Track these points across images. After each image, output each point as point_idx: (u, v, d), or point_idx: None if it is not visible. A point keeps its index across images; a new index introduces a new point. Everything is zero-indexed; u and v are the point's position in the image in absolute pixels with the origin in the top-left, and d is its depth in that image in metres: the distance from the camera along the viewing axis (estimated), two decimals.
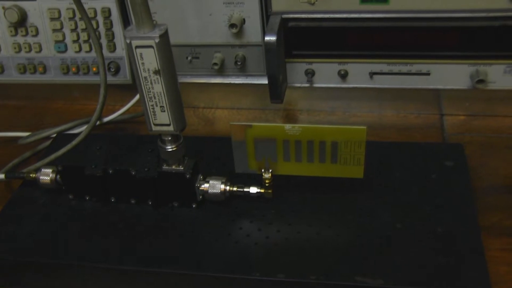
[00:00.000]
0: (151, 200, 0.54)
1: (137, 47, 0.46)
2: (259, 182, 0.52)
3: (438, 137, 0.64)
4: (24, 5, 0.69)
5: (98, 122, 0.64)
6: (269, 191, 0.52)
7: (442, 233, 0.49)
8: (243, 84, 0.70)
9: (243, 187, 0.53)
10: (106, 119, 0.69)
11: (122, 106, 0.69)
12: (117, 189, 0.54)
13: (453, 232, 0.49)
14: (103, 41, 0.69)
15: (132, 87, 0.71)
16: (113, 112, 0.70)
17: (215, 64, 0.68)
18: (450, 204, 0.51)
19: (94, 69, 0.71)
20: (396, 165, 0.56)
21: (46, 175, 0.56)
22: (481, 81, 0.61)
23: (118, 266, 0.50)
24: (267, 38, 0.60)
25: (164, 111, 0.48)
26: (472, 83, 0.62)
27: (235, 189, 0.53)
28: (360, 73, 0.65)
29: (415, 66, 0.63)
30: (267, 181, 0.52)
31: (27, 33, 0.71)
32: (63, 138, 0.65)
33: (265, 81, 0.65)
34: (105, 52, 0.70)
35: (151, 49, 0.45)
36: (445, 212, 0.51)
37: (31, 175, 0.57)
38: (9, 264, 0.52)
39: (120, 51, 0.70)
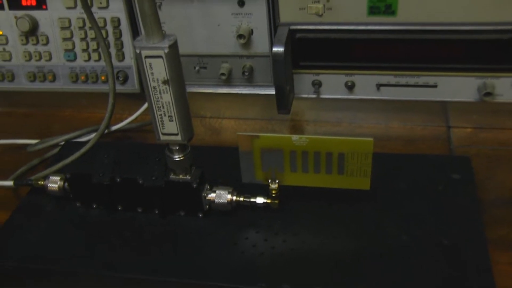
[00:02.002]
0: (158, 209, 0.54)
1: (146, 57, 0.46)
2: (265, 193, 0.53)
3: (445, 149, 0.64)
4: (35, 14, 0.70)
5: (106, 131, 0.64)
6: (276, 201, 0.52)
7: (449, 246, 0.49)
8: (250, 94, 0.70)
9: (249, 197, 0.53)
10: (114, 128, 0.70)
11: (130, 115, 0.70)
12: (124, 198, 0.55)
13: (460, 244, 0.49)
14: (112, 50, 0.70)
15: (140, 96, 0.72)
16: (121, 120, 0.70)
17: (223, 74, 0.68)
18: (457, 216, 0.51)
19: (103, 77, 0.72)
20: (402, 177, 0.56)
21: (54, 183, 0.57)
22: (488, 93, 0.61)
23: (123, 274, 0.50)
24: (274, 49, 0.60)
25: (172, 120, 0.49)
26: (480, 96, 0.62)
27: (241, 199, 0.53)
28: (367, 84, 0.65)
29: (422, 78, 0.63)
30: (273, 192, 0.52)
31: (37, 42, 0.71)
32: (71, 146, 0.65)
33: (272, 91, 0.65)
34: (114, 61, 0.70)
35: (161, 59, 0.46)
36: (452, 224, 0.51)
37: (39, 182, 0.58)
38: (15, 270, 0.53)
39: (129, 60, 0.71)
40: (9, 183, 0.60)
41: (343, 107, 0.70)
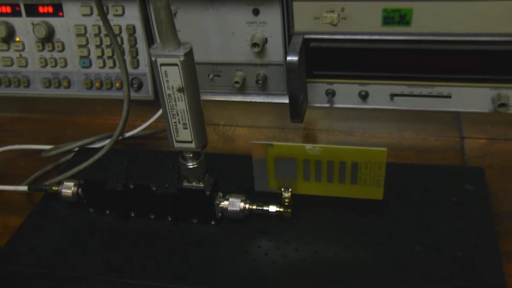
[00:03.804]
0: (171, 216, 0.54)
1: (162, 64, 0.46)
2: (278, 201, 0.53)
3: (458, 160, 0.64)
4: (52, 21, 0.71)
5: (119, 137, 0.65)
6: (288, 210, 0.52)
7: (462, 258, 0.48)
8: (263, 102, 0.70)
9: (262, 206, 0.53)
10: (127, 134, 0.70)
11: (143, 121, 0.70)
12: (137, 204, 0.55)
13: (473, 256, 0.48)
14: (127, 58, 0.71)
15: (153, 103, 0.72)
16: (134, 127, 0.71)
17: (237, 82, 0.68)
18: (470, 228, 0.51)
19: (117, 84, 0.72)
20: (415, 187, 0.56)
21: (68, 189, 0.57)
22: (502, 105, 0.61)
23: (135, 281, 0.50)
24: (289, 58, 0.60)
25: (187, 128, 0.49)
26: (494, 107, 0.62)
27: (254, 207, 0.53)
28: (381, 94, 0.65)
29: (436, 88, 0.63)
30: (286, 200, 0.52)
31: (53, 49, 0.72)
32: (84, 152, 0.66)
33: (285, 100, 0.65)
34: (129, 68, 0.71)
35: (176, 67, 0.46)
36: (465, 236, 0.50)
37: (53, 188, 0.58)
38: (27, 275, 0.53)
39: (143, 67, 0.71)
40: (23, 188, 0.61)
41: (356, 117, 0.70)
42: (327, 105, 0.68)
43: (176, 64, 0.46)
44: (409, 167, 0.59)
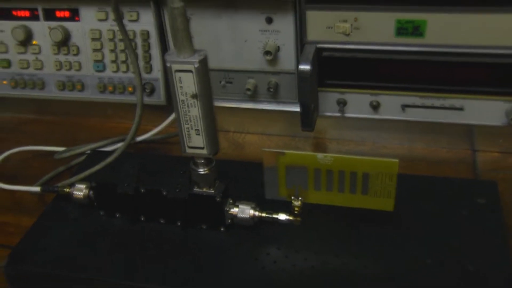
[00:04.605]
0: (180, 221, 0.55)
1: (176, 71, 0.47)
2: (288, 209, 0.53)
3: (470, 173, 0.64)
4: (68, 25, 0.72)
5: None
6: (298, 218, 0.52)
7: (473, 272, 0.48)
8: (274, 110, 0.70)
9: (272, 214, 0.53)
10: (138, 139, 0.70)
11: (155, 126, 0.70)
12: (148, 208, 0.55)
13: (485, 271, 0.48)
14: (140, 63, 0.71)
15: (165, 108, 0.73)
16: (145, 131, 0.71)
17: (248, 89, 0.69)
18: (482, 242, 0.51)
19: (130, 89, 0.73)
20: (427, 199, 0.56)
21: (80, 191, 0.57)
22: None
23: (142, 284, 0.51)
24: (301, 67, 0.61)
25: (199, 134, 0.49)
26: (507, 120, 0.61)
27: (264, 215, 0.53)
28: (392, 105, 0.65)
29: (448, 100, 0.63)
30: (296, 209, 0.52)
31: (68, 52, 0.73)
32: (96, 155, 0.66)
33: (296, 108, 0.66)
34: (142, 73, 0.71)
35: (190, 74, 0.47)
36: (477, 250, 0.50)
37: (65, 189, 0.58)
38: (37, 275, 0.53)
39: (156, 72, 0.72)
40: (36, 189, 0.61)
41: (367, 127, 0.70)
42: (338, 114, 0.68)
43: (190, 71, 0.46)
44: (420, 179, 0.59)
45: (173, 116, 0.67)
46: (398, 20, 0.60)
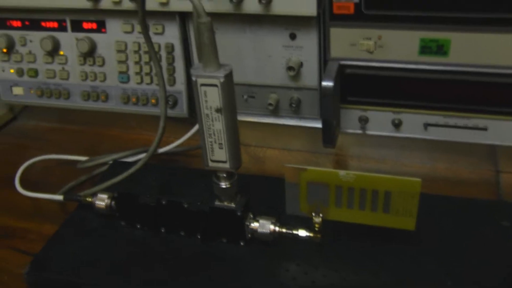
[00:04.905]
0: (200, 234, 0.55)
1: (202, 85, 0.47)
2: (308, 225, 0.53)
3: (493, 194, 0.63)
4: (95, 37, 0.73)
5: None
6: (318, 235, 0.52)
7: None
8: (296, 126, 0.71)
9: (292, 229, 0.53)
10: (160, 150, 0.71)
11: (176, 138, 0.71)
12: (168, 220, 0.56)
13: None
14: (164, 75, 0.72)
15: (187, 121, 0.73)
16: (167, 143, 0.71)
17: (270, 104, 0.69)
18: (505, 265, 0.50)
19: (153, 100, 0.74)
20: (449, 220, 0.55)
21: (102, 201, 0.58)
22: None
23: None
24: (324, 83, 0.61)
25: (222, 148, 0.50)
26: None
27: (284, 230, 0.53)
28: (415, 123, 0.65)
29: (472, 120, 0.63)
30: (316, 225, 0.52)
31: (94, 63, 0.74)
32: (118, 166, 0.67)
33: (318, 124, 0.66)
34: (165, 85, 0.72)
35: (215, 88, 0.47)
36: (499, 273, 0.49)
37: (87, 199, 0.59)
38: (57, 283, 0.54)
39: (180, 85, 0.72)
40: (59, 197, 0.62)
41: (388, 144, 0.69)
42: (360, 131, 0.68)
43: (216, 85, 0.47)
44: (442, 199, 0.59)
45: (194, 129, 0.67)
46: (422, 38, 0.60)
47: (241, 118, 0.71)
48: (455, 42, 0.59)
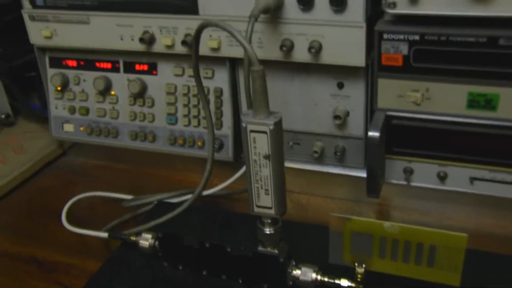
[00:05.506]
0: (242, 279, 0.55)
1: (251, 131, 0.48)
2: (351, 276, 0.52)
3: None
4: (146, 78, 0.76)
5: None
6: (361, 286, 0.51)
7: None
8: (340, 174, 0.71)
9: (334, 279, 0.52)
10: (205, 193, 0.72)
11: (220, 181, 0.72)
12: (211, 263, 0.56)
13: None
14: (212, 119, 0.74)
15: (231, 165, 0.74)
16: (211, 186, 0.72)
17: (315, 152, 0.69)
18: None
19: (199, 143, 0.75)
20: (495, 278, 0.54)
21: (146, 240, 0.59)
22: None
23: None
24: (370, 133, 0.61)
25: (268, 194, 0.50)
26: None
27: (326, 279, 0.53)
28: (460, 177, 0.64)
29: None
30: (359, 276, 0.51)
31: (144, 104, 0.77)
32: (163, 206, 0.68)
33: (362, 173, 0.66)
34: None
35: (265, 135, 0.48)
36: None
37: (131, 237, 0.60)
38: None
39: (226, 129, 0.74)
40: (104, 234, 0.63)
41: (433, 197, 0.68)
42: (404, 183, 0.67)
43: (265, 132, 0.48)
44: (489, 256, 0.57)
45: (239, 173, 0.68)
46: (470, 92, 0.60)
47: (286, 164, 0.71)
48: (504, 97, 0.59)
